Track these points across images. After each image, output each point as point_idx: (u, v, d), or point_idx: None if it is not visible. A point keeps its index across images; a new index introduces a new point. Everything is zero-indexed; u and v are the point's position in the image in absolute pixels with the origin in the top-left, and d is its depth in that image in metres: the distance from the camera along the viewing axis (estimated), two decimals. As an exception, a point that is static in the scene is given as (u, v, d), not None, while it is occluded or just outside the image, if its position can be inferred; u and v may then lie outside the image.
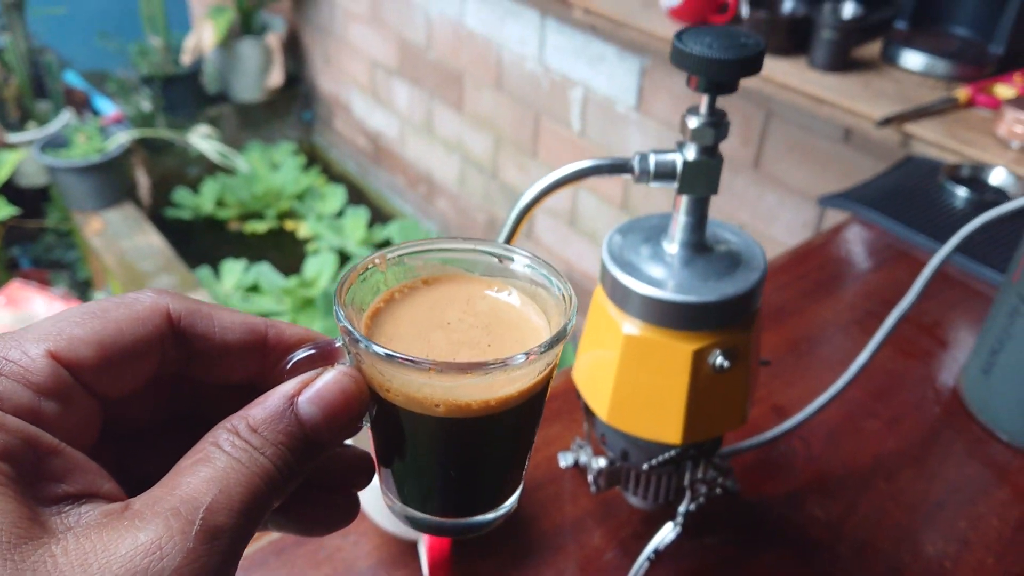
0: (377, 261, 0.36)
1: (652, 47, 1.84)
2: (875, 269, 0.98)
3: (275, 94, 3.38)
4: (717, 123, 0.48)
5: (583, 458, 0.64)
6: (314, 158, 3.54)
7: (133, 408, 0.32)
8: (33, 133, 2.72)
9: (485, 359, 0.31)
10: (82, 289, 2.71)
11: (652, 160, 0.50)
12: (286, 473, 0.29)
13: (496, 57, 2.43)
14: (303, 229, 3.04)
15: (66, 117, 2.78)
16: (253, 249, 2.98)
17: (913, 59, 1.36)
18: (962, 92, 1.24)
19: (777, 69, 1.37)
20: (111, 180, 2.70)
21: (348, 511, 0.35)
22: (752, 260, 0.53)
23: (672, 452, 0.55)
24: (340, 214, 3.10)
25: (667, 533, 0.60)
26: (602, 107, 2.16)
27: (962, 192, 1.05)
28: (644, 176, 0.50)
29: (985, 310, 0.90)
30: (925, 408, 0.79)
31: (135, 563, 0.24)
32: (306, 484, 0.31)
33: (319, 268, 2.69)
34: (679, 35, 0.46)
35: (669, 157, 0.50)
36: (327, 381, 0.30)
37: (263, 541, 0.64)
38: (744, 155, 1.80)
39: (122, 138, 2.71)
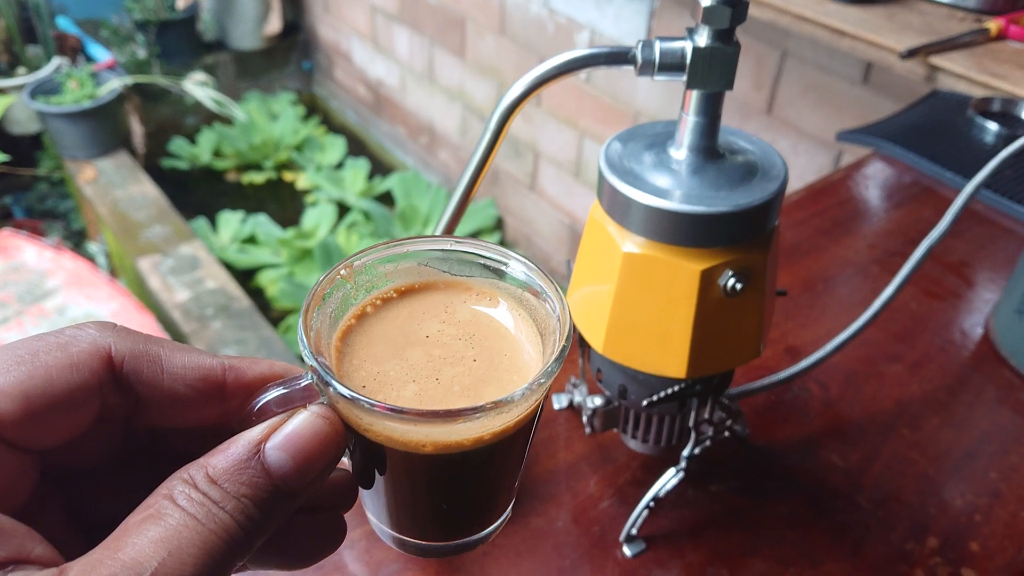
0: (343, 272, 0.32)
1: (690, 7, 1.75)
2: (898, 207, 0.91)
3: (273, 42, 3.29)
4: (735, 1, 0.41)
5: (577, 398, 0.58)
6: (314, 109, 3.45)
7: (76, 452, 0.28)
8: (23, 78, 2.64)
9: (477, 404, 0.27)
10: (76, 239, 2.66)
11: (657, 48, 0.43)
12: (250, 530, 0.25)
13: (499, 0, 2.33)
14: (302, 180, 2.97)
15: (57, 63, 2.70)
16: (251, 200, 2.92)
17: (940, -10, 1.28)
18: (993, 24, 1.16)
19: (795, 0, 1.29)
20: (104, 127, 2.63)
21: (333, 536, 0.31)
22: (771, 169, 0.46)
23: (676, 388, 0.49)
24: (340, 166, 3.03)
25: (669, 478, 0.55)
26: (609, 51, 2.07)
27: (993, 126, 0.98)
28: (647, 68, 0.43)
29: (1016, 249, 0.84)
30: (952, 351, 0.73)
31: None
32: None
33: (318, 219, 2.63)
34: None
35: (677, 45, 0.43)
36: (298, 424, 0.27)
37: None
38: (757, 99, 1.72)
39: (115, 84, 2.63)
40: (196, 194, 2.90)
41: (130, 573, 0.23)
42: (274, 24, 3.22)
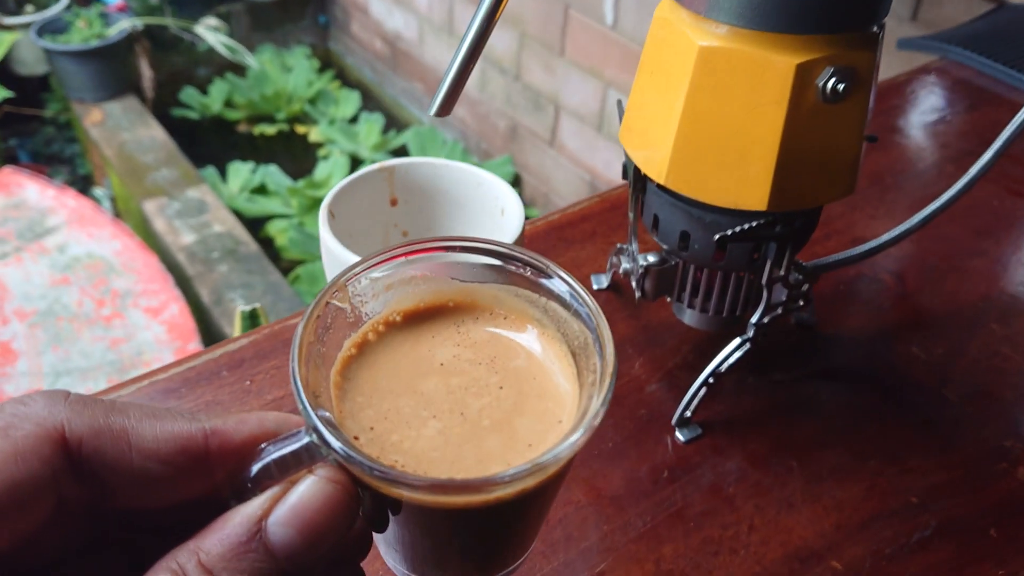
0: (337, 293, 0.28)
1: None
2: (970, 110, 0.83)
3: (289, -7, 3.21)
4: None
5: (626, 263, 0.50)
6: (329, 64, 3.37)
7: (32, 549, 0.23)
8: (30, 16, 2.57)
9: (508, 471, 0.23)
10: (82, 184, 2.59)
11: None
12: None
13: (524, -58, 2.24)
14: (314, 133, 2.89)
15: (66, 2, 2.62)
16: (262, 152, 2.85)
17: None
18: (1068, -65, 1.07)
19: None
20: (112, 69, 2.55)
21: None
22: (882, -50, 0.38)
23: (754, 223, 0.41)
24: (354, 120, 2.95)
25: (733, 349, 0.47)
26: (638, -6, 1.98)
27: (1073, 32, 0.89)
28: None
29: (1109, 151, 0.75)
30: (1042, 249, 0.64)
31: None
32: None
33: (330, 170, 2.55)
34: None
35: None
36: (304, 493, 0.23)
37: (216, 352, 0.51)
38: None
39: (124, 24, 2.55)
40: (206, 145, 2.82)
41: None
42: (290, -26, 3.13)
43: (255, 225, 2.39)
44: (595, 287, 0.57)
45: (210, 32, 2.65)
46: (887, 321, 0.57)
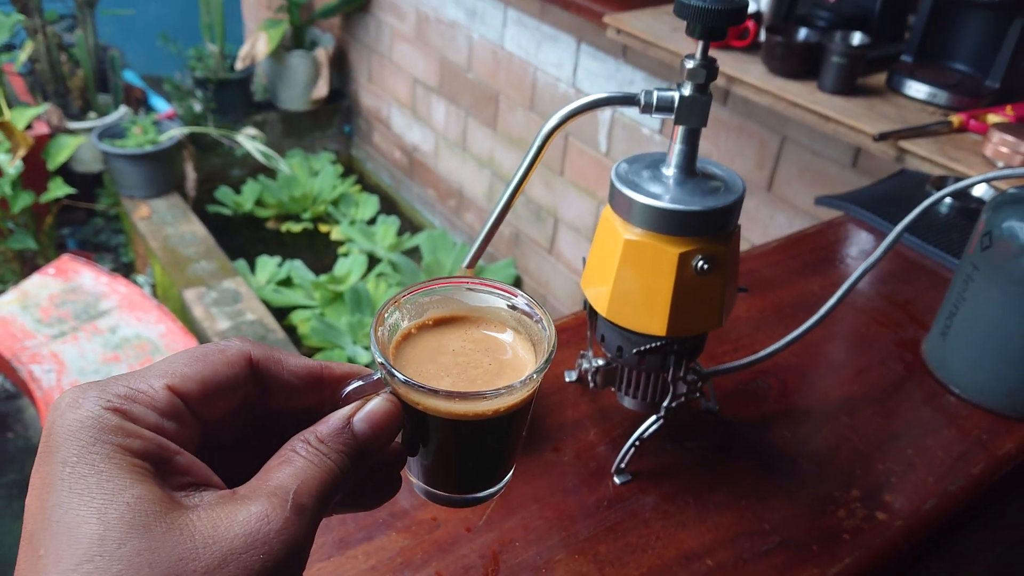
0: (396, 303, 0.45)
1: (679, 69, 1.97)
2: (863, 257, 1.09)
3: (319, 105, 3.56)
4: (708, 66, 0.60)
5: (585, 364, 0.76)
6: (351, 169, 3.70)
7: (221, 428, 0.38)
8: (92, 122, 2.89)
9: (491, 388, 0.40)
10: (124, 271, 2.86)
11: (655, 95, 0.62)
12: (345, 473, 0.37)
13: (531, 79, 2.57)
14: (336, 232, 3.19)
15: (124, 111, 2.95)
16: (288, 248, 3.13)
17: (916, 88, 1.48)
18: (956, 117, 1.36)
19: (789, 90, 1.50)
20: (161, 170, 2.87)
21: (391, 487, 0.43)
22: (733, 186, 0.64)
23: (658, 343, 0.66)
24: (372, 221, 3.25)
25: (651, 423, 0.71)
26: (628, 129, 2.29)
27: (947, 200, 1.16)
28: (648, 108, 0.62)
29: (954, 294, 1.01)
30: (890, 364, 0.89)
31: (250, 526, 0.32)
32: None
33: (349, 267, 2.83)
34: (682, -8, 0.59)
35: (669, 93, 0.62)
36: (374, 405, 0.39)
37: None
38: (759, 178, 1.92)
39: (175, 132, 2.88)
40: (237, 239, 3.11)
41: (281, 490, 0.34)
42: (321, 89, 3.49)
43: (280, 314, 2.65)
44: (567, 379, 0.82)
45: (248, 140, 2.97)
46: (769, 411, 0.82)
